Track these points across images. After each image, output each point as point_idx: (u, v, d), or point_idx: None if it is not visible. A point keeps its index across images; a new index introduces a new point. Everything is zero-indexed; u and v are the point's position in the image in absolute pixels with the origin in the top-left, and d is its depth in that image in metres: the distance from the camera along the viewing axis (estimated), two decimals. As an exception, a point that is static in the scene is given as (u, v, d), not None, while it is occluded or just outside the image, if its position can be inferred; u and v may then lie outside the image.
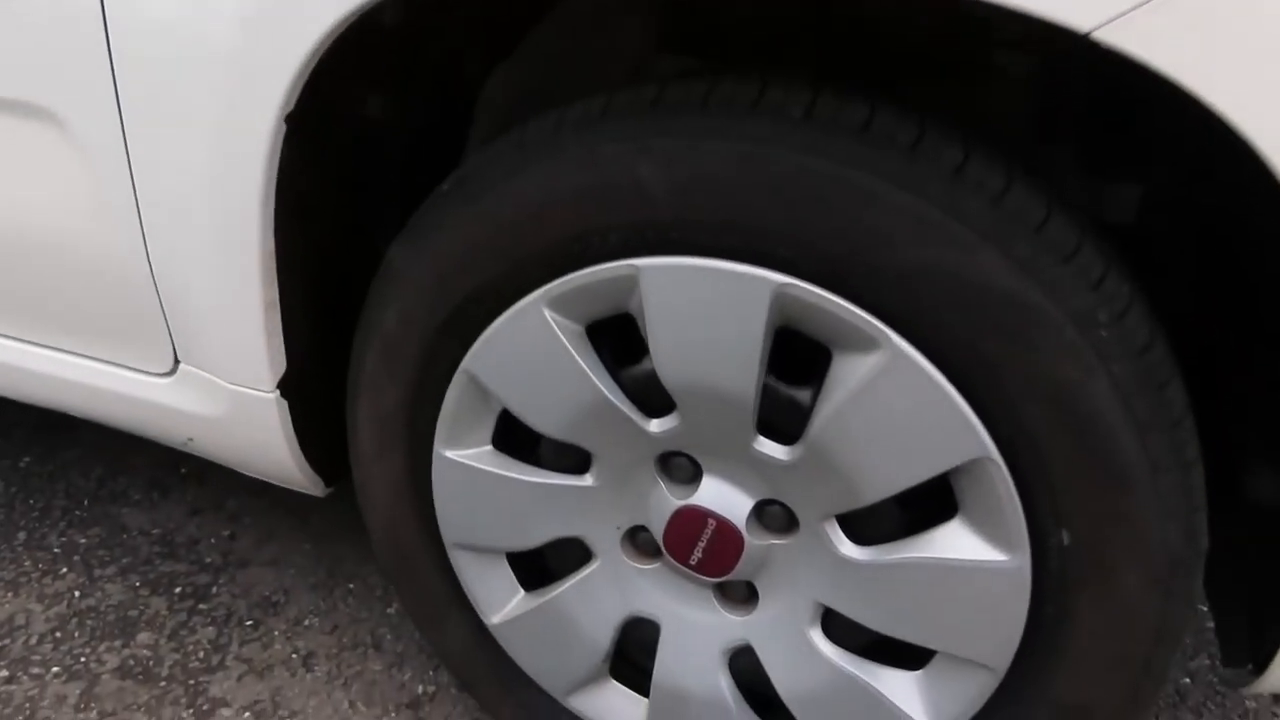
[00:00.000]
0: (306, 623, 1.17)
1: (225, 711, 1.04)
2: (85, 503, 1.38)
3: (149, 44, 0.72)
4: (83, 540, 1.30)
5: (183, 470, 1.45)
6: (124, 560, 1.27)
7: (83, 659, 1.11)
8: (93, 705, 1.04)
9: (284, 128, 0.71)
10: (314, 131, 0.74)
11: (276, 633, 1.16)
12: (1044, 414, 0.62)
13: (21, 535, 1.31)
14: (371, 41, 0.71)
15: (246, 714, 1.04)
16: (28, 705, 1.04)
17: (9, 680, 1.07)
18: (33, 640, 1.13)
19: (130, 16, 0.73)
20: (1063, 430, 0.62)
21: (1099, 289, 0.60)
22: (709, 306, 0.67)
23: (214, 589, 1.22)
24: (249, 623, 1.17)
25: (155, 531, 1.32)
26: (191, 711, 1.04)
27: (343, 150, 0.83)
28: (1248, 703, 1.07)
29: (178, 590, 1.22)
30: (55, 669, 1.09)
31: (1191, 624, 0.70)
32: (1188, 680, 1.10)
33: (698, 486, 0.77)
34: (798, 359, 0.70)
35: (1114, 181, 0.89)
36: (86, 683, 1.07)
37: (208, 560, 1.27)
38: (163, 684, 1.08)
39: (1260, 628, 0.74)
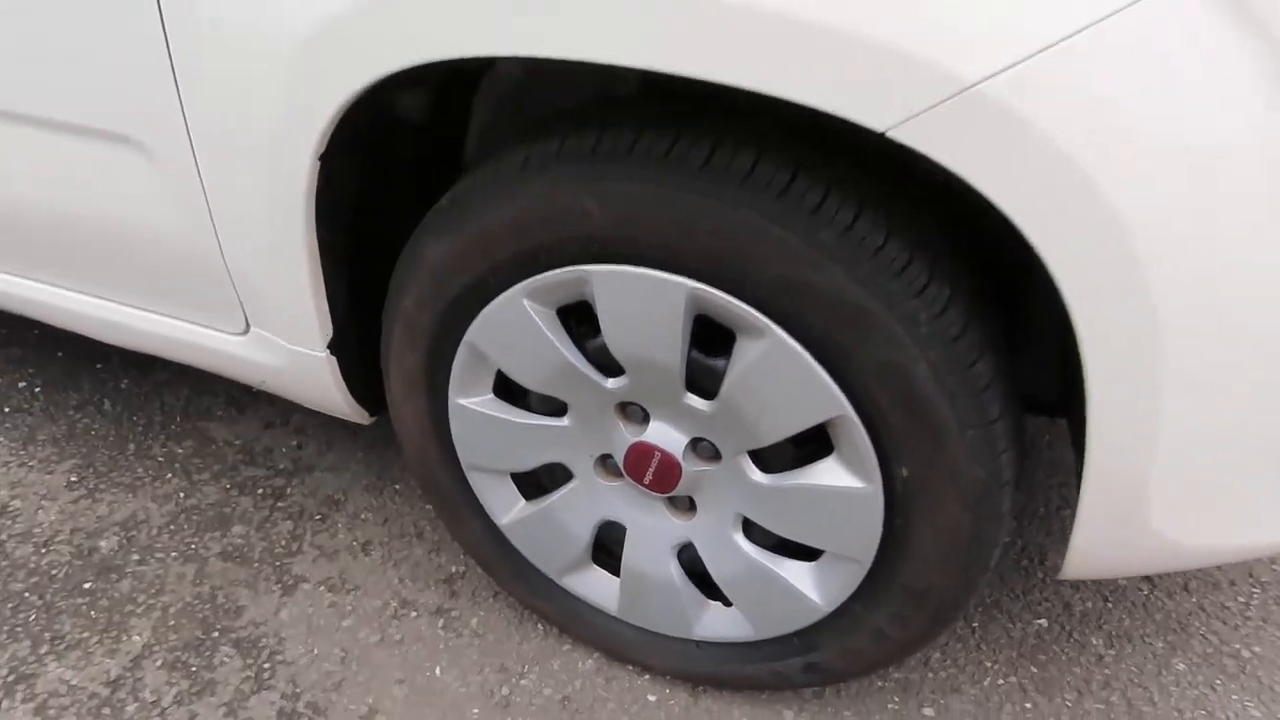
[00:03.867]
0: (363, 517, 1.47)
1: (305, 585, 1.35)
2: (178, 419, 1.67)
3: (221, 113, 0.93)
4: (180, 450, 1.60)
5: (254, 390, 1.73)
6: (215, 467, 1.56)
7: (193, 546, 1.42)
8: (206, 581, 1.36)
9: (318, 165, 0.92)
10: (340, 162, 0.95)
11: (340, 525, 1.45)
12: (882, 386, 0.83)
13: (131, 447, 1.61)
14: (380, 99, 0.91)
15: (321, 587, 1.34)
16: (158, 581, 1.35)
17: (141, 562, 1.39)
18: (153, 531, 1.44)
19: (198, 94, 0.93)
20: (895, 398, 0.84)
21: (922, 295, 0.80)
22: (642, 302, 0.89)
23: (288, 490, 1.52)
24: (317, 517, 1.47)
25: (237, 442, 1.62)
26: (280, 586, 1.35)
27: (363, 170, 1.03)
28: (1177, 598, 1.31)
29: (259, 491, 1.52)
30: (174, 554, 1.40)
31: (1003, 532, 0.92)
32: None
33: (647, 427, 1.01)
34: (718, 337, 0.92)
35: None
36: (198, 565, 1.39)
37: (281, 466, 1.57)
38: (256, 565, 1.38)
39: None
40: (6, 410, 1.70)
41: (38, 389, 1.75)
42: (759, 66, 0.69)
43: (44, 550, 1.41)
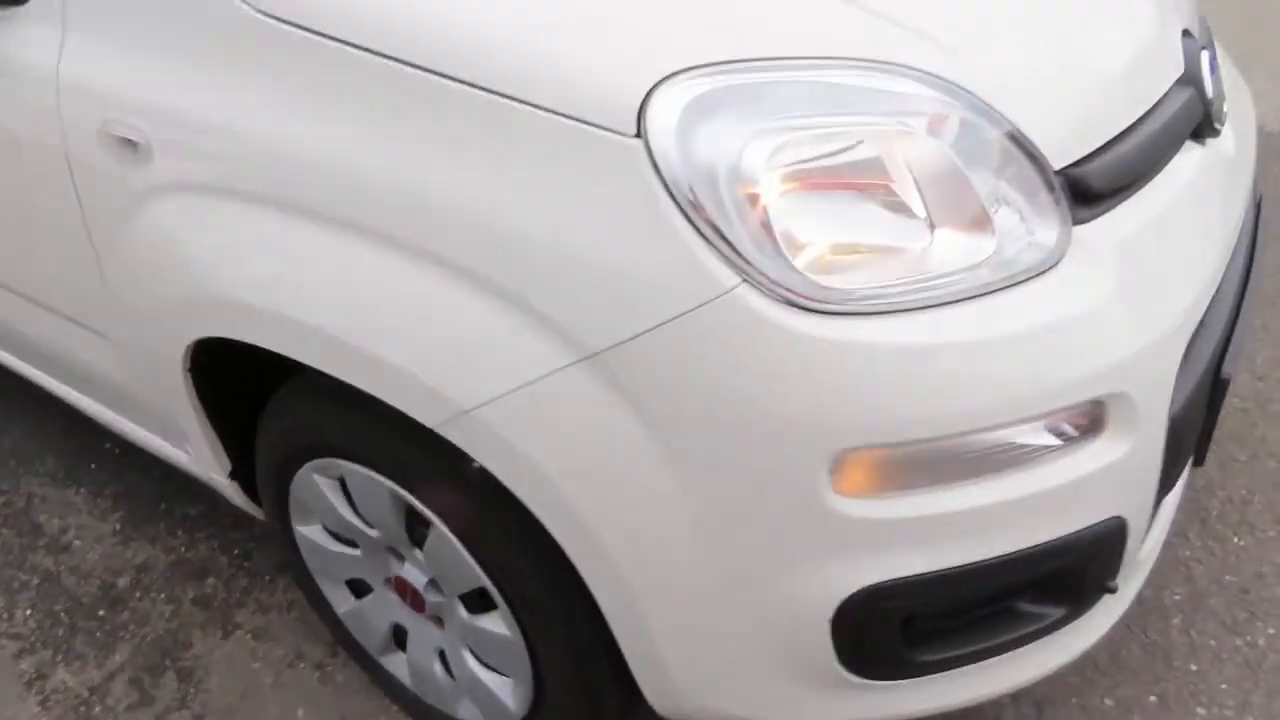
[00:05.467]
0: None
1: (239, 632, 1.84)
2: (199, 484, 2.22)
3: (139, 338, 1.43)
4: (192, 512, 2.15)
5: (257, 466, 2.25)
6: (211, 528, 2.09)
7: (177, 590, 1.94)
8: (176, 619, 1.87)
9: (189, 376, 1.39)
10: (208, 372, 1.42)
11: (280, 586, 1.94)
12: (502, 573, 1.19)
13: (162, 505, 2.17)
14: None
15: (249, 635, 1.83)
16: (145, 615, 1.89)
17: (140, 599, 1.93)
18: (155, 576, 1.97)
19: (126, 326, 1.43)
20: (511, 582, 1.19)
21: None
22: (366, 488, 1.29)
23: (254, 552, 2.02)
24: (266, 578, 1.96)
25: (232, 507, 2.14)
26: (222, 630, 1.84)
27: (226, 373, 1.50)
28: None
29: (235, 551, 2.03)
30: (162, 595, 1.93)
31: (605, 678, 1.24)
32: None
33: (404, 565, 1.41)
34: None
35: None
36: (175, 605, 1.91)
37: (256, 531, 2.07)
38: (214, 609, 1.89)
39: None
40: (93, 467, 2.32)
41: (116, 451, 2.36)
42: (369, 379, 1.09)
43: (83, 582, 1.98)
